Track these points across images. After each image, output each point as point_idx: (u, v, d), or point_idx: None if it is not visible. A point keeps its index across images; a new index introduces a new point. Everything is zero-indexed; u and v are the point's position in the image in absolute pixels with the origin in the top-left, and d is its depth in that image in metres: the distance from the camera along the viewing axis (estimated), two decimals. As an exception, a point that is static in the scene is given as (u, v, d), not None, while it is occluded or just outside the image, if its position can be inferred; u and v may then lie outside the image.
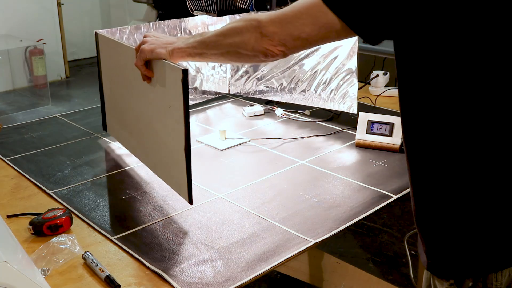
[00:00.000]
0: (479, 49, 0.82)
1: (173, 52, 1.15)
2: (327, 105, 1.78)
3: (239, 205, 1.26)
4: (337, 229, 1.16)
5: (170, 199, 1.28)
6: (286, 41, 0.96)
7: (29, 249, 1.06)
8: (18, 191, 1.34)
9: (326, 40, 0.97)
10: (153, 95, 1.27)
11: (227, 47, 1.06)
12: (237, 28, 1.03)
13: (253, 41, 1.00)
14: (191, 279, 0.99)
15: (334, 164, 1.49)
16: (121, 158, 1.53)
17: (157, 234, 1.14)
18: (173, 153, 1.22)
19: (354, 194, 1.32)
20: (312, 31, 0.93)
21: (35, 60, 4.97)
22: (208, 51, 1.10)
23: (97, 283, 0.98)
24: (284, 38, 0.96)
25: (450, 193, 0.90)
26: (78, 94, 5.19)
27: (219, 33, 1.07)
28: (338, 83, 1.74)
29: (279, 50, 0.98)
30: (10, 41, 4.98)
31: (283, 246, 1.09)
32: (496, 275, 0.89)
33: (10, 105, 4.88)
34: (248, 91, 2.01)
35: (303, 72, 1.83)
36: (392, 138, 1.55)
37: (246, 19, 1.02)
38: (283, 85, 1.90)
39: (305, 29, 0.93)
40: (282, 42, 0.96)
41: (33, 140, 1.67)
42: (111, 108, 1.58)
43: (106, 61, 1.53)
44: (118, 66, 1.46)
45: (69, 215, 1.15)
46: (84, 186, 1.36)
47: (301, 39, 0.95)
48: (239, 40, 1.03)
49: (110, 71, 1.52)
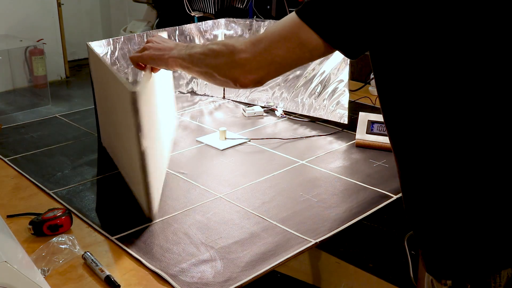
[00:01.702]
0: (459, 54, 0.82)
1: (169, 61, 1.14)
2: (318, 114, 1.79)
3: (239, 205, 1.26)
4: (337, 229, 1.16)
5: (170, 199, 1.28)
6: (258, 69, 0.94)
7: (29, 249, 1.06)
8: (18, 191, 1.34)
9: (299, 62, 0.94)
10: (121, 111, 1.22)
11: (205, 67, 1.04)
12: (214, 51, 1.01)
13: (225, 68, 0.98)
14: (191, 279, 0.99)
15: (334, 164, 1.49)
16: (121, 158, 1.53)
17: (157, 234, 1.14)
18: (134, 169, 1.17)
19: (354, 194, 1.32)
20: (286, 53, 0.90)
21: (35, 60, 4.97)
22: (193, 67, 1.08)
23: (97, 283, 0.98)
24: (256, 66, 0.94)
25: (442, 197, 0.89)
26: (78, 94, 5.19)
27: (202, 51, 1.05)
28: (330, 93, 1.75)
29: (249, 80, 0.95)
30: (10, 41, 4.98)
31: (283, 246, 1.09)
32: (495, 277, 0.89)
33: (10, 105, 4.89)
34: (241, 98, 2.02)
35: (296, 80, 1.85)
36: (392, 138, 1.55)
37: (225, 42, 1.01)
38: (275, 93, 1.91)
39: (278, 52, 0.91)
40: (254, 70, 0.94)
41: (33, 140, 1.67)
42: (102, 119, 1.57)
43: (96, 73, 1.51)
44: (101, 81, 1.44)
45: (69, 215, 1.15)
46: (84, 186, 1.36)
47: (275, 63, 0.93)
48: (214, 63, 1.01)
49: (99, 84, 1.51)
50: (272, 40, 0.92)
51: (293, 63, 0.94)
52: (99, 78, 1.47)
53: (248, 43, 0.95)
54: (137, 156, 1.09)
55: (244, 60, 0.94)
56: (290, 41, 0.90)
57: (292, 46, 0.90)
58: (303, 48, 0.89)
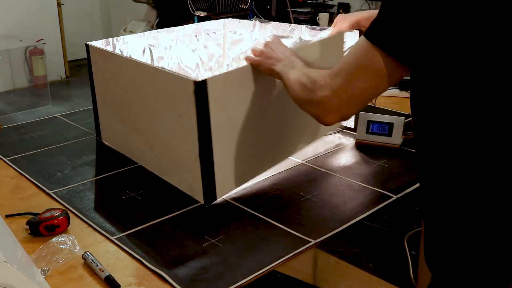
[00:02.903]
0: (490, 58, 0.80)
1: (273, 73, 1.18)
2: None
3: (239, 205, 1.26)
4: (337, 229, 1.16)
5: (170, 199, 1.28)
6: (339, 106, 0.91)
7: (29, 249, 1.06)
8: (18, 191, 1.34)
9: (379, 90, 0.90)
10: (159, 105, 1.29)
11: (292, 95, 1.06)
12: (302, 83, 1.01)
13: (309, 104, 0.98)
14: (191, 279, 0.99)
15: (334, 164, 1.49)
16: (121, 158, 1.53)
17: (157, 234, 1.14)
18: (184, 158, 1.24)
19: (354, 194, 1.32)
20: (364, 83, 0.87)
21: (35, 60, 4.97)
22: (286, 88, 1.10)
23: (97, 283, 0.98)
24: (337, 103, 0.91)
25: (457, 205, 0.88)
26: (78, 94, 5.19)
27: (296, 78, 1.05)
28: None
29: (333, 118, 0.94)
30: (10, 41, 4.98)
31: (283, 246, 1.09)
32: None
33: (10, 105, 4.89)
34: None
35: None
36: (392, 138, 1.55)
37: (310, 74, 0.99)
38: None
39: (357, 84, 0.88)
40: (335, 108, 0.92)
41: (33, 140, 1.67)
42: (107, 117, 1.58)
43: (100, 72, 1.53)
44: (115, 77, 1.46)
45: (66, 215, 1.15)
46: (84, 186, 1.36)
47: (355, 97, 0.90)
48: (298, 96, 1.02)
49: (106, 82, 1.52)
50: (349, 72, 0.89)
51: (374, 92, 0.90)
52: (112, 75, 1.48)
53: (327, 77, 0.93)
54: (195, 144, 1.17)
55: (324, 98, 0.93)
56: (367, 69, 0.87)
57: (370, 74, 0.87)
58: (381, 74, 0.86)
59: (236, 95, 1.24)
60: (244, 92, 1.26)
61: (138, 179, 1.39)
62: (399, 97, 2.01)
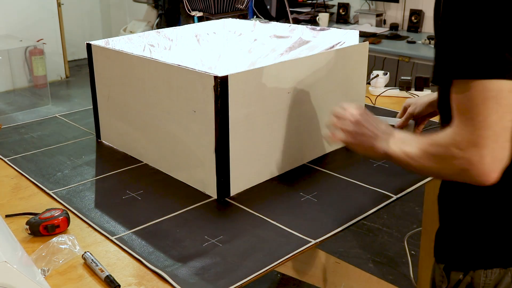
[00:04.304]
0: None
1: (369, 150, 1.04)
2: None
3: (239, 205, 1.26)
4: (337, 229, 1.16)
5: (170, 199, 1.28)
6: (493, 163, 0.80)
7: (29, 249, 1.06)
8: (18, 191, 1.34)
9: None
10: (171, 101, 1.30)
11: (427, 171, 0.94)
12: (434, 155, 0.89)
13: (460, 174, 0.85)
14: (191, 279, 0.99)
15: (334, 164, 1.49)
16: (121, 158, 1.53)
17: (157, 234, 1.14)
18: (197, 153, 1.26)
19: (354, 194, 1.32)
20: (500, 120, 0.79)
21: (35, 60, 4.97)
22: (408, 165, 0.95)
23: (97, 283, 0.98)
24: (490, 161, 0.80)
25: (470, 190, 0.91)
26: (78, 94, 5.20)
27: (420, 154, 0.91)
28: None
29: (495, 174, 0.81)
30: (10, 41, 4.98)
31: (283, 246, 1.09)
32: (486, 272, 0.93)
33: (10, 105, 4.89)
34: None
35: None
36: (392, 138, 1.54)
37: (440, 142, 0.87)
38: None
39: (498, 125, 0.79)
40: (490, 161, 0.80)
41: (33, 140, 1.67)
42: (108, 116, 1.58)
43: (103, 71, 1.53)
44: (120, 76, 1.47)
45: (66, 216, 1.15)
46: (84, 186, 1.36)
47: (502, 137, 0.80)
48: (437, 168, 0.89)
49: (109, 81, 1.53)
50: (481, 121, 0.80)
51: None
52: (116, 73, 1.48)
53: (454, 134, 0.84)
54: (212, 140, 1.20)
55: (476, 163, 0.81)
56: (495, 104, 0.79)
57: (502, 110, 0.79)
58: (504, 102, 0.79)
59: (255, 93, 1.24)
60: (263, 91, 1.27)
61: (138, 179, 1.39)
62: (399, 97, 2.01)
